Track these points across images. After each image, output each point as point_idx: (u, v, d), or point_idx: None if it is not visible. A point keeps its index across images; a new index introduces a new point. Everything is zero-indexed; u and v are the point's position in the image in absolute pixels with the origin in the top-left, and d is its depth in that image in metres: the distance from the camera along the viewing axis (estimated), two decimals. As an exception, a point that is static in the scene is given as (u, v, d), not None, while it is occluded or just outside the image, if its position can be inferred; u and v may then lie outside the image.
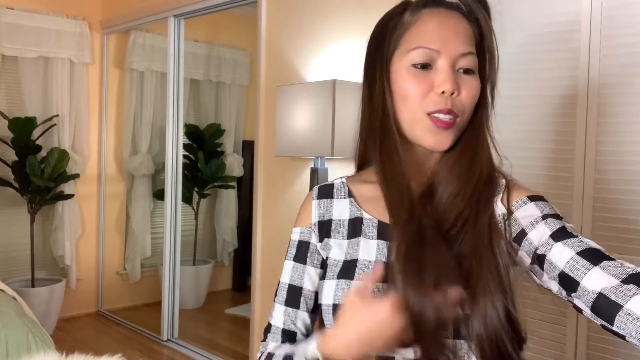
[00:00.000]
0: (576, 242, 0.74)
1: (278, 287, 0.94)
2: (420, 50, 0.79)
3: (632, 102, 1.69)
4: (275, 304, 0.93)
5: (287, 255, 0.95)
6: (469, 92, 0.80)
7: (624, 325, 0.65)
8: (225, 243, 4.85)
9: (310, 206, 0.94)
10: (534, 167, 1.89)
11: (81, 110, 4.09)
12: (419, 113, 0.80)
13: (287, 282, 0.92)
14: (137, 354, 3.44)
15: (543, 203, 0.81)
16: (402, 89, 0.81)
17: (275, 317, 0.92)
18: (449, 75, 0.78)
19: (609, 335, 1.71)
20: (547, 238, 0.75)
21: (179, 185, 3.67)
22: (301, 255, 0.92)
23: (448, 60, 0.79)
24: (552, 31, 1.86)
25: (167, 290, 3.67)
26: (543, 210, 0.79)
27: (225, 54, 4.71)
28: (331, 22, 2.60)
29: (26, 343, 1.99)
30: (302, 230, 0.94)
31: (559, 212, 0.81)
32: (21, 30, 3.77)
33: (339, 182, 0.96)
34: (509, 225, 0.80)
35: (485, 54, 0.84)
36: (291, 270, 0.92)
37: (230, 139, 4.77)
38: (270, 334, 0.93)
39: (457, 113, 0.80)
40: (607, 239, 1.74)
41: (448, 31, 0.79)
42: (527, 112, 1.91)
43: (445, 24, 0.80)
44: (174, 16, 3.58)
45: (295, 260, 0.92)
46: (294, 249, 0.93)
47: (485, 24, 0.83)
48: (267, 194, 2.89)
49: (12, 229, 3.86)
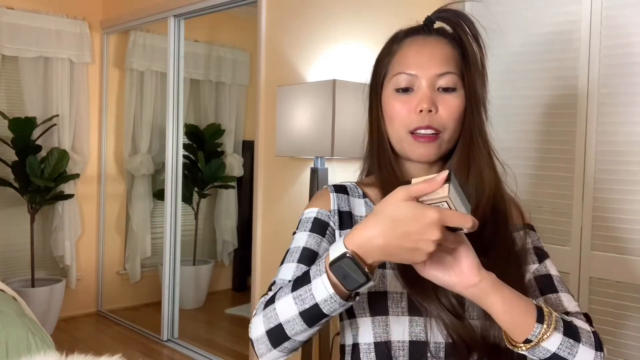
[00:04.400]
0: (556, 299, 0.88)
1: (287, 253, 0.90)
2: (401, 75, 0.89)
3: (632, 102, 1.69)
4: (283, 264, 0.89)
5: (300, 229, 0.92)
6: (447, 109, 0.88)
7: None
8: (225, 243, 4.85)
9: (328, 196, 0.95)
10: (533, 167, 1.89)
11: (81, 110, 4.09)
12: (403, 132, 0.89)
13: (301, 246, 0.89)
14: (137, 354, 3.44)
15: (534, 234, 0.95)
16: (388, 112, 0.91)
17: (285, 272, 0.87)
18: (425, 95, 0.87)
19: (609, 336, 1.71)
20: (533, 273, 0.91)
21: (179, 185, 3.67)
22: (319, 229, 0.91)
23: (426, 81, 0.87)
24: (552, 31, 1.86)
25: (167, 290, 3.66)
26: (534, 242, 0.94)
27: (225, 54, 4.71)
28: (331, 22, 2.60)
29: (26, 343, 1.99)
30: (319, 211, 0.93)
31: (542, 244, 0.95)
32: (21, 30, 3.77)
33: (350, 184, 0.99)
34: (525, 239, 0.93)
35: (471, 69, 0.90)
36: (307, 237, 0.90)
37: (230, 139, 4.77)
38: (275, 286, 0.86)
39: (438, 128, 0.87)
40: (607, 239, 1.74)
41: (424, 56, 0.88)
42: (527, 112, 1.91)
43: (423, 49, 0.89)
44: (174, 16, 3.58)
45: (311, 231, 0.90)
46: (309, 224, 0.92)
47: (468, 43, 0.90)
48: (267, 194, 2.89)
49: (12, 229, 3.86)
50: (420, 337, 0.85)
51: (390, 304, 0.86)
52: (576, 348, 0.75)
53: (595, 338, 0.79)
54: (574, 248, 1.80)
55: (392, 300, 0.86)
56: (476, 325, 0.83)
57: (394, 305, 0.86)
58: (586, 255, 1.78)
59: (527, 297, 0.76)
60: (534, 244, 0.93)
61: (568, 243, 1.82)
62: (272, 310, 0.76)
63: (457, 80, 0.88)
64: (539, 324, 0.73)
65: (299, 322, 0.73)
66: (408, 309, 0.86)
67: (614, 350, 1.71)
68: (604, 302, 1.75)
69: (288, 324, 0.74)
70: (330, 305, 0.71)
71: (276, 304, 0.75)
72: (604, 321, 1.74)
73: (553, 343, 0.74)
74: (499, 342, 0.82)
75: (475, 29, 0.90)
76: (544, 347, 0.74)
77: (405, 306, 0.86)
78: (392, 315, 0.86)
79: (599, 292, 1.76)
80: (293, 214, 2.74)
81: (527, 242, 0.92)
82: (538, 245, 0.93)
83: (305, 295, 0.73)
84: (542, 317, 0.74)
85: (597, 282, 1.76)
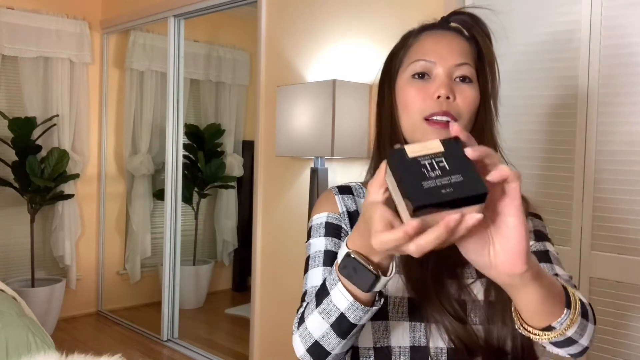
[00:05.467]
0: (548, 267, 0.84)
1: (308, 260, 0.90)
2: (418, 62, 0.87)
3: (631, 102, 1.69)
4: (309, 270, 0.88)
5: (314, 235, 0.91)
6: (465, 99, 0.86)
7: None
8: (225, 243, 4.85)
9: (333, 199, 0.95)
10: (534, 167, 1.89)
11: (81, 110, 4.09)
12: (418, 119, 0.86)
13: (322, 249, 0.88)
14: (137, 354, 3.44)
15: (539, 221, 0.92)
16: (403, 99, 0.89)
17: (313, 278, 0.86)
18: (443, 81, 0.85)
19: (609, 336, 1.71)
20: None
21: (179, 185, 3.67)
22: (333, 233, 0.90)
23: (444, 69, 0.86)
24: (552, 31, 1.86)
25: (167, 290, 3.66)
26: (536, 226, 0.91)
27: (225, 54, 4.71)
28: (331, 22, 2.60)
29: (26, 343, 1.99)
30: (329, 215, 0.92)
31: (547, 232, 0.91)
32: (21, 30, 3.77)
33: (355, 185, 0.99)
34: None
35: (485, 69, 0.90)
36: (325, 241, 0.89)
37: (230, 139, 4.77)
38: (307, 296, 0.85)
39: (455, 116, 0.85)
40: (607, 239, 1.74)
41: (444, 46, 0.87)
42: (527, 112, 1.91)
43: (442, 40, 0.88)
44: (174, 16, 3.58)
45: (327, 235, 0.89)
46: (322, 229, 0.90)
47: (483, 42, 0.89)
48: (267, 194, 2.89)
49: (12, 229, 3.86)
50: (421, 342, 0.83)
51: (390, 309, 0.84)
52: (586, 328, 0.71)
53: (592, 311, 0.76)
54: (574, 248, 1.80)
55: (392, 304, 0.84)
56: (479, 329, 0.82)
57: (394, 310, 0.84)
58: (586, 255, 1.78)
59: (555, 278, 0.68)
60: (535, 227, 0.91)
61: (568, 243, 1.82)
62: (305, 330, 0.75)
63: (473, 73, 0.88)
64: (568, 309, 0.67)
65: (333, 336, 0.72)
66: (408, 314, 0.84)
67: (614, 350, 1.71)
68: (604, 302, 1.75)
69: (323, 339, 0.73)
70: (355, 313, 0.69)
71: (306, 322, 0.74)
72: (604, 321, 1.74)
73: (573, 328, 0.69)
74: (502, 346, 0.81)
75: (489, 32, 0.91)
76: (565, 334, 0.68)
77: (405, 311, 0.84)
78: (392, 320, 0.84)
79: (599, 292, 1.76)
80: (293, 214, 2.74)
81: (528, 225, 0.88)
82: (540, 229, 0.91)
83: (329, 308, 0.71)
84: (569, 300, 0.68)
85: (597, 282, 1.76)
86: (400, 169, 0.56)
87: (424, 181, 0.55)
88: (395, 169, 0.57)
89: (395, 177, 0.57)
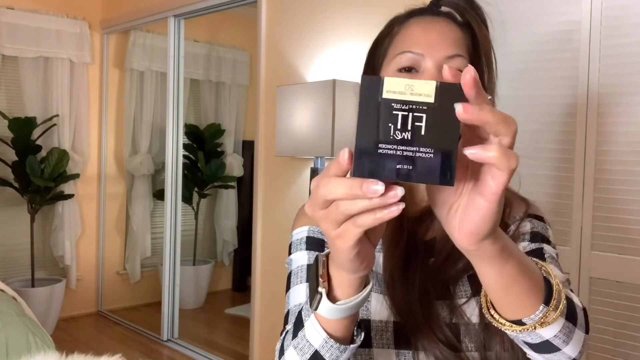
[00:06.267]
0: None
1: (290, 277, 0.81)
2: (405, 54, 0.77)
3: (632, 102, 1.69)
4: (292, 288, 0.79)
5: (295, 250, 0.83)
6: None
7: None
8: (225, 243, 4.85)
9: None
10: (533, 167, 1.89)
11: (81, 110, 4.09)
12: None
13: (304, 264, 0.80)
14: (137, 354, 3.44)
15: (539, 223, 0.82)
16: None
17: (296, 296, 0.77)
18: (432, 76, 0.75)
19: (609, 336, 1.71)
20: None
21: (179, 185, 3.67)
22: (315, 247, 0.82)
23: (433, 62, 0.75)
24: (552, 31, 1.86)
25: (167, 290, 3.66)
26: (534, 227, 0.80)
27: (225, 54, 4.71)
28: (331, 22, 2.60)
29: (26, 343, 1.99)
30: (310, 228, 0.84)
31: (549, 235, 0.81)
32: (21, 30, 3.77)
33: None
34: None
35: (481, 60, 0.80)
36: (307, 255, 0.81)
37: (230, 139, 4.77)
38: (290, 315, 0.77)
39: None
40: (607, 239, 1.74)
41: (433, 35, 0.76)
42: (527, 112, 1.91)
43: (431, 28, 0.77)
44: (174, 16, 3.58)
45: (308, 249, 0.81)
46: (303, 244, 0.83)
47: (479, 29, 0.79)
48: (267, 194, 2.89)
49: (12, 229, 3.86)
50: None
51: (373, 335, 0.75)
52: (572, 334, 0.60)
53: (585, 317, 0.64)
54: (574, 248, 1.80)
55: (376, 330, 0.75)
56: (474, 356, 0.73)
57: (378, 336, 0.75)
58: (586, 255, 1.78)
59: (538, 270, 0.58)
60: (533, 229, 0.81)
61: (568, 243, 1.82)
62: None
63: (466, 65, 0.76)
64: (545, 305, 0.56)
65: None
66: (394, 341, 0.74)
67: (614, 350, 1.71)
68: (604, 302, 1.75)
69: None
70: (330, 352, 0.59)
71: (286, 355, 0.65)
72: (604, 321, 1.74)
73: (551, 330, 0.57)
74: None
75: (485, 17, 0.81)
76: (538, 333, 0.57)
77: (391, 337, 0.74)
78: (377, 348, 0.74)
79: (599, 292, 1.76)
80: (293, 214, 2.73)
81: (525, 227, 0.80)
82: (538, 231, 0.81)
83: (303, 344, 0.61)
84: (550, 295, 0.57)
85: (597, 282, 1.76)
86: (364, 110, 0.43)
87: (382, 142, 0.43)
88: (361, 105, 0.43)
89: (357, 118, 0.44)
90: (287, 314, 0.77)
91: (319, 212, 0.48)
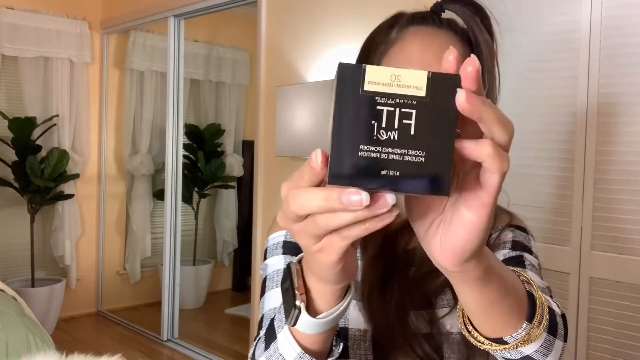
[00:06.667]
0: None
1: (265, 282, 0.77)
2: None
3: (632, 103, 1.69)
4: (266, 292, 0.74)
5: (270, 255, 0.79)
6: None
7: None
8: (225, 243, 4.85)
9: None
10: (533, 167, 1.89)
11: (81, 110, 4.09)
12: None
13: (281, 268, 0.74)
14: (137, 354, 3.44)
15: (521, 233, 0.78)
16: None
17: (271, 300, 0.73)
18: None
19: (609, 336, 1.71)
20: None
21: (179, 185, 3.67)
22: (292, 251, 0.77)
23: None
24: (552, 32, 1.86)
25: (167, 290, 3.67)
26: (516, 237, 0.77)
27: (225, 54, 4.71)
28: (331, 22, 2.60)
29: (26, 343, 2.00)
30: (287, 233, 0.79)
31: (531, 245, 0.77)
32: (21, 30, 3.77)
33: None
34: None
35: (484, 78, 0.73)
36: (284, 259, 0.76)
37: (230, 139, 4.77)
38: (264, 320, 0.72)
39: None
40: (607, 239, 1.74)
41: (431, 54, 0.71)
42: (527, 112, 1.91)
43: (429, 46, 0.72)
44: (174, 16, 3.58)
45: (285, 254, 0.77)
46: (280, 248, 0.78)
47: (484, 44, 0.73)
48: (267, 194, 2.89)
49: (12, 229, 3.86)
50: None
51: (351, 345, 0.70)
52: (552, 346, 0.56)
53: (564, 324, 0.59)
54: (574, 248, 1.80)
55: (354, 340, 0.70)
56: None
57: (355, 346, 0.70)
58: (586, 255, 1.78)
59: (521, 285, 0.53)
60: (514, 238, 0.77)
61: (568, 243, 1.82)
62: None
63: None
64: (528, 323, 0.52)
65: None
66: (373, 351, 0.70)
67: (613, 350, 1.71)
68: (604, 302, 1.74)
69: None
70: None
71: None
72: (604, 321, 1.74)
73: (533, 346, 0.53)
74: None
75: (491, 23, 0.75)
76: (519, 350, 0.53)
77: (369, 347, 0.70)
78: (353, 359, 0.70)
79: (599, 292, 1.76)
80: (293, 214, 2.74)
81: (506, 236, 0.77)
82: (520, 240, 0.77)
83: (276, 357, 0.56)
84: (534, 311, 0.52)
85: (597, 282, 1.76)
86: (342, 104, 0.36)
87: (363, 143, 0.36)
88: (338, 98, 0.36)
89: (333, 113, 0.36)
90: (261, 318, 0.72)
91: (294, 226, 0.41)
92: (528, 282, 0.55)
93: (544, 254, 1.99)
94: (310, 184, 0.39)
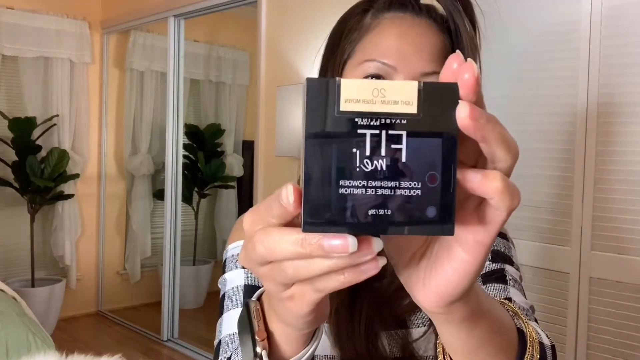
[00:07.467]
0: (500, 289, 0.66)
1: (224, 300, 0.70)
2: (375, 63, 0.65)
3: (632, 102, 1.69)
4: (225, 313, 0.68)
5: (229, 268, 0.73)
6: None
7: None
8: (225, 243, 4.85)
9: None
10: (534, 167, 1.89)
11: (81, 110, 4.09)
12: None
13: (241, 284, 0.69)
14: (137, 354, 3.44)
15: (501, 240, 0.73)
16: None
17: (228, 324, 0.66)
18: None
19: (609, 336, 1.71)
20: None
21: (179, 185, 3.67)
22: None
23: (406, 78, 0.63)
24: (552, 31, 1.86)
25: (167, 290, 3.67)
26: (496, 246, 0.72)
27: (225, 54, 4.71)
28: (331, 21, 2.60)
29: (26, 343, 2.00)
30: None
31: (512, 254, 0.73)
32: (21, 30, 3.77)
33: None
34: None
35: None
36: (244, 274, 0.70)
37: (230, 139, 4.77)
38: (222, 347, 0.64)
39: None
40: (607, 239, 1.74)
41: (409, 45, 0.64)
42: (527, 112, 1.91)
43: (407, 35, 0.65)
44: (174, 16, 3.58)
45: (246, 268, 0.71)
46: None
47: (465, 31, 0.66)
48: (267, 194, 2.88)
49: (12, 229, 3.86)
50: None
51: None
52: None
53: (553, 357, 0.55)
54: (574, 248, 1.80)
55: None
56: None
57: None
58: (586, 255, 1.78)
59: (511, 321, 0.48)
60: (495, 247, 0.72)
61: (568, 243, 1.82)
62: None
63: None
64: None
65: None
66: None
67: (613, 350, 1.71)
68: (604, 302, 1.74)
69: None
70: None
71: None
72: (604, 321, 1.74)
73: None
74: None
75: (474, 13, 0.69)
76: None
77: None
78: None
79: (599, 292, 1.76)
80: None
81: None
82: (500, 249, 0.72)
83: None
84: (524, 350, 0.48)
85: (597, 282, 1.76)
86: (314, 129, 0.29)
87: (344, 178, 0.29)
88: (308, 122, 0.29)
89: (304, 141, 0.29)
90: (218, 344, 0.64)
91: (259, 269, 0.35)
92: (517, 315, 0.51)
93: (544, 254, 1.99)
94: (281, 222, 0.32)
